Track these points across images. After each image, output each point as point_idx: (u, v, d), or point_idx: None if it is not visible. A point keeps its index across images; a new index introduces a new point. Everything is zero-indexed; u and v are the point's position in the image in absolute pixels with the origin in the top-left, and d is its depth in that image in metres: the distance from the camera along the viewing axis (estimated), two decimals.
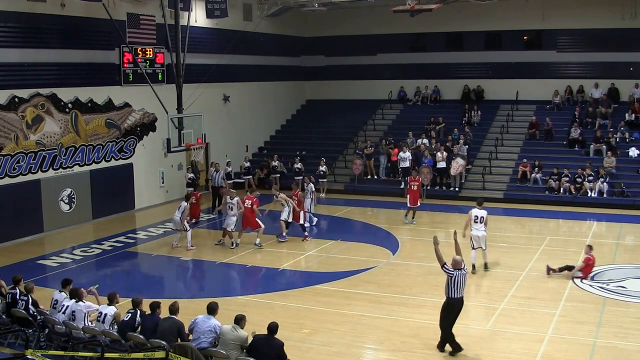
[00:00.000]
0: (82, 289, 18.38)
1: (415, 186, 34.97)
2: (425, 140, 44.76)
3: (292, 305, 22.72)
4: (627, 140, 42.67)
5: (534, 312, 21.88)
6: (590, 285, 24.46)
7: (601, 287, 24.22)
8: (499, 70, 49.39)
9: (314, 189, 34.40)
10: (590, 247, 25.26)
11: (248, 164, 43.73)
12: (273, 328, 15.59)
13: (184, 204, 30.46)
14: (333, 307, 22.36)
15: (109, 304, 17.69)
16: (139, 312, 17.16)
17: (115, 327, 17.23)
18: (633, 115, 44.01)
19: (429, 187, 41.83)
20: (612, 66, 46.19)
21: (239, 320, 16.03)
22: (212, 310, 16.45)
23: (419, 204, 35.08)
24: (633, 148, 41.59)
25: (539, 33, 48.62)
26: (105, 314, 17.38)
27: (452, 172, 41.71)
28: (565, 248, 30.01)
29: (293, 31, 52.22)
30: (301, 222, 31.35)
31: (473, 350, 18.82)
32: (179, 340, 16.17)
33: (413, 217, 34.87)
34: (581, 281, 24.58)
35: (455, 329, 18.84)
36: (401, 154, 42.52)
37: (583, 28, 46.45)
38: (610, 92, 46.33)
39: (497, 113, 48.45)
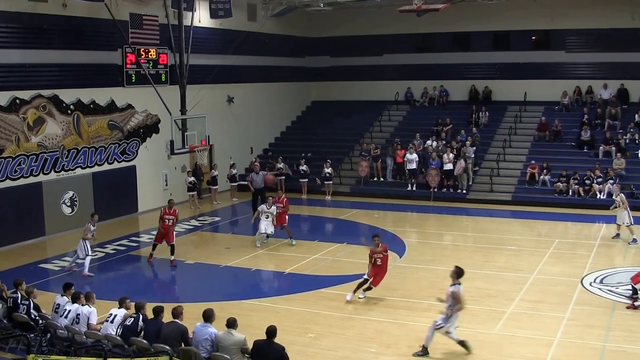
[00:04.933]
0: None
1: (281, 208, 31.57)
2: (433, 142, 44.28)
3: (297, 309, 22.48)
4: (637, 141, 42.28)
5: (543, 316, 21.64)
6: (600, 289, 24.22)
7: (610, 291, 23.97)
8: (507, 70, 49.02)
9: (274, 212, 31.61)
10: None
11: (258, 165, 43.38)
12: (272, 332, 15.30)
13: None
14: (339, 311, 22.11)
15: (119, 307, 17.59)
16: (142, 316, 17.00)
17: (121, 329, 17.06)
18: None
19: (436, 190, 41.44)
20: (622, 66, 45.78)
21: (232, 324, 15.76)
22: (207, 317, 16.14)
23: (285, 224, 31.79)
24: None
25: (547, 33, 48.29)
26: (115, 315, 17.28)
27: (455, 172, 41.30)
28: (574, 251, 29.73)
29: (298, 31, 51.87)
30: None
31: (481, 354, 18.61)
32: (183, 345, 15.94)
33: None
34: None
35: (463, 333, 18.67)
36: (408, 155, 42.20)
37: (592, 28, 46.10)
38: (620, 93, 45.96)
39: (505, 114, 48.07)
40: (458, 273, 18.70)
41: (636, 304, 21.89)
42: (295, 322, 21.13)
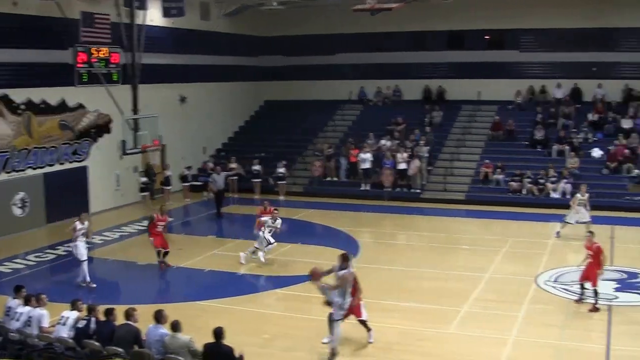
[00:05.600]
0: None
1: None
2: (387, 142, 44.22)
3: (252, 310, 22.32)
4: (590, 140, 42.65)
5: (498, 315, 21.65)
6: (554, 287, 24.30)
7: (565, 289, 24.05)
8: (461, 70, 49.09)
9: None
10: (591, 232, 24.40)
11: (212, 165, 43.12)
12: (219, 333, 15.09)
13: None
14: (294, 312, 21.98)
15: (71, 310, 17.24)
16: (94, 318, 16.68)
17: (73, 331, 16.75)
18: (596, 115, 44.04)
19: (390, 189, 41.38)
20: (575, 66, 46.17)
21: (176, 327, 15.56)
22: (159, 318, 15.94)
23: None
24: (596, 148, 41.60)
25: (501, 33, 48.49)
26: (67, 317, 16.96)
27: (410, 172, 41.28)
28: (528, 250, 29.85)
29: (251, 30, 51.53)
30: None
31: (437, 354, 18.63)
32: (136, 347, 15.69)
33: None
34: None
35: (419, 333, 18.56)
36: (361, 155, 42.12)
37: (546, 28, 46.42)
38: (573, 92, 46.32)
39: (459, 114, 48.20)
40: (344, 257, 18.79)
41: (597, 305, 21.92)
42: (250, 323, 20.97)
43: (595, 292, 22.00)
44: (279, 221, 28.80)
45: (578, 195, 31.73)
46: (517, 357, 18.49)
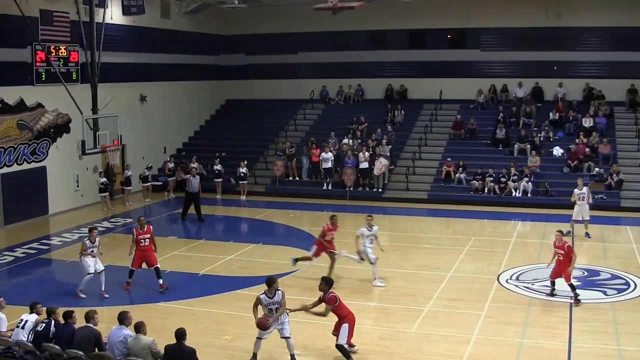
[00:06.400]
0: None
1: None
2: (349, 141, 44.15)
3: (213, 311, 22.17)
4: (551, 139, 42.94)
5: (460, 314, 21.67)
6: (516, 286, 24.37)
7: (526, 287, 24.17)
8: (423, 69, 49.16)
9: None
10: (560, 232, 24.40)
11: (172, 165, 42.91)
12: (181, 334, 15.04)
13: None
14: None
15: (30, 313, 17.06)
16: (53, 321, 16.47)
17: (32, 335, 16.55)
18: (557, 114, 44.33)
19: (352, 189, 41.31)
20: (536, 65, 46.47)
21: (139, 328, 15.45)
22: (122, 319, 15.82)
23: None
24: (557, 147, 41.88)
25: (462, 32, 48.66)
26: (26, 320, 16.78)
27: (376, 172, 41.29)
28: (490, 248, 29.99)
29: (212, 29, 51.27)
30: None
31: (399, 353, 18.60)
32: (97, 350, 15.56)
33: None
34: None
35: (381, 333, 18.64)
36: (323, 154, 42.04)
37: (507, 27, 46.64)
38: (534, 91, 46.63)
39: (421, 112, 48.24)
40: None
41: (579, 298, 22.22)
42: (212, 324, 20.90)
43: (572, 287, 22.27)
44: (375, 228, 25.65)
45: (576, 190, 31.61)
46: (479, 355, 18.47)
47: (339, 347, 17.85)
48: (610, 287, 24.14)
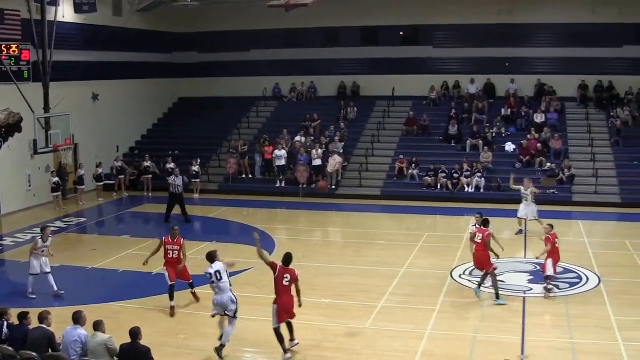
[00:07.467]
0: None
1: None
2: (302, 138, 44.12)
3: (167, 311, 21.82)
4: (504, 135, 43.30)
5: (414, 309, 21.72)
6: (469, 281, 24.42)
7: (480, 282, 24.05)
8: (375, 66, 49.31)
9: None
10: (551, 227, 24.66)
11: (120, 164, 42.54)
12: (135, 333, 14.88)
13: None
14: (209, 311, 21.53)
15: None
16: (5, 322, 16.20)
17: None
18: (509, 110, 44.70)
19: (305, 186, 41.29)
20: (488, 62, 46.89)
21: (97, 326, 15.27)
22: (77, 319, 15.58)
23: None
24: (509, 143, 42.19)
25: (415, 29, 48.85)
26: None
27: (329, 169, 41.27)
28: (444, 244, 30.03)
29: (165, 27, 50.87)
30: None
31: (354, 349, 18.63)
32: (50, 351, 15.32)
33: None
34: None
35: (335, 329, 18.63)
36: (276, 152, 41.96)
37: (459, 24, 46.95)
38: (486, 88, 46.98)
39: (374, 109, 48.36)
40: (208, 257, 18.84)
41: (549, 287, 22.77)
42: (166, 324, 20.76)
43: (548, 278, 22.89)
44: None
45: (522, 188, 31.73)
46: (433, 350, 18.49)
47: (274, 330, 18.01)
48: (563, 281, 24.30)
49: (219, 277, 18.05)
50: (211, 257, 18.61)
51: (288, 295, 18.11)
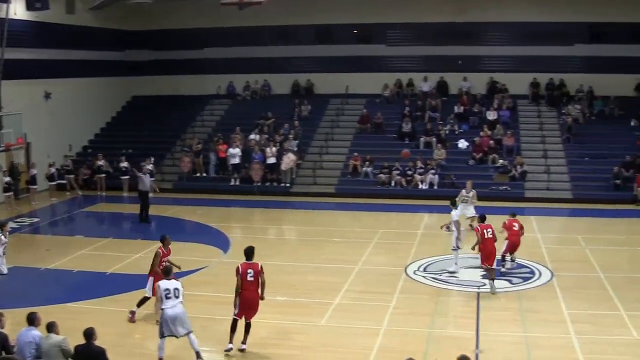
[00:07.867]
0: None
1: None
2: (256, 136, 44.06)
3: (124, 310, 21.54)
4: (457, 132, 43.71)
5: (369, 306, 21.82)
6: (424, 277, 24.63)
7: (434, 278, 24.45)
8: (329, 64, 49.34)
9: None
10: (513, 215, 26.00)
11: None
12: (89, 334, 14.75)
13: None
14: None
15: None
16: None
17: None
18: (462, 107, 45.01)
19: (260, 184, 41.28)
20: (441, 60, 47.12)
21: (51, 327, 15.08)
22: (31, 321, 15.41)
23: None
24: (462, 140, 42.60)
25: (369, 27, 48.91)
26: None
27: (283, 167, 41.26)
28: (398, 241, 30.25)
29: (117, 24, 50.42)
30: None
31: (309, 346, 18.64)
32: (4, 353, 15.15)
33: None
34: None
35: (291, 326, 19.03)
36: (230, 150, 41.91)
37: (413, 22, 47.14)
38: (439, 86, 47.28)
39: (327, 107, 48.45)
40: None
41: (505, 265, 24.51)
42: (123, 324, 20.59)
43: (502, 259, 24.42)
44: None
45: (463, 192, 31.80)
46: (388, 346, 18.57)
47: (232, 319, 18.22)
48: (516, 276, 24.59)
49: (177, 295, 17.75)
50: (168, 272, 18.17)
51: (253, 290, 18.14)
